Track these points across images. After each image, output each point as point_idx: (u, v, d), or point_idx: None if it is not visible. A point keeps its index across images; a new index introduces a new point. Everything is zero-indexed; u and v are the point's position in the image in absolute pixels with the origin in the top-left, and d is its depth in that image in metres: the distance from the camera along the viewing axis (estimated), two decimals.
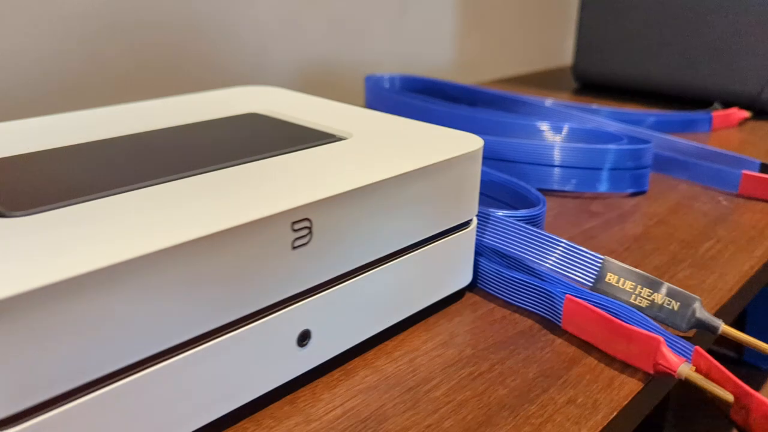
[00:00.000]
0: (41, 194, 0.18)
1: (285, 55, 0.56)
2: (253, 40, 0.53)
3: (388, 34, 0.65)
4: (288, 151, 0.22)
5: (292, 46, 0.56)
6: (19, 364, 0.14)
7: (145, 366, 0.16)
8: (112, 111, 0.28)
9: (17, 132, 0.24)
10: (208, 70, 0.50)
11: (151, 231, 0.16)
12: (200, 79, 0.50)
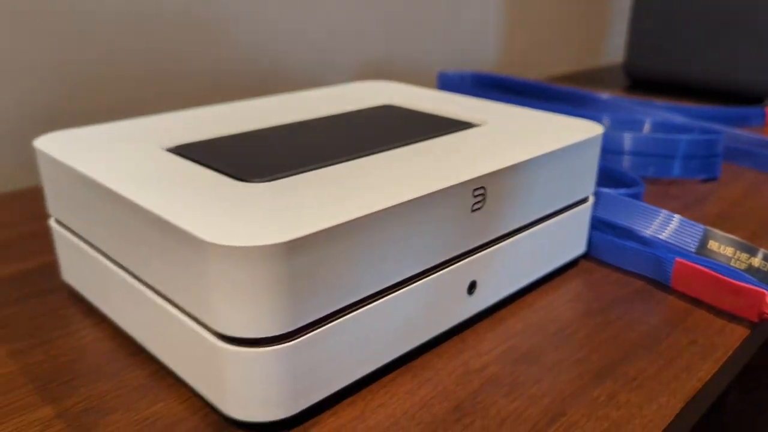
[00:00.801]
0: (267, 166, 0.22)
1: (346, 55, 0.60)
2: (318, 42, 0.57)
3: (440, 33, 0.69)
4: (440, 134, 0.26)
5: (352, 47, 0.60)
6: (317, 285, 0.18)
7: (375, 298, 0.20)
8: (265, 102, 0.32)
9: (211, 117, 0.28)
10: (280, 71, 0.55)
11: (384, 189, 0.20)
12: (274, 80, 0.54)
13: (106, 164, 0.22)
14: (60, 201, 0.24)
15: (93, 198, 0.22)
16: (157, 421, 0.19)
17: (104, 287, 0.23)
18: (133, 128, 0.27)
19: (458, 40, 0.71)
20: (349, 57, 0.59)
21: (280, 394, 0.18)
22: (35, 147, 0.25)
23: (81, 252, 0.24)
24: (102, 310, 0.24)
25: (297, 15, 0.54)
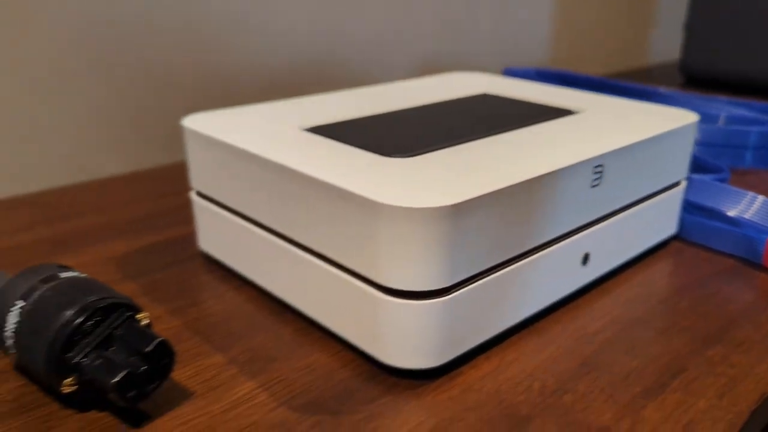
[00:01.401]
0: (401, 144, 0.24)
1: (402, 54, 0.62)
2: (375, 41, 0.59)
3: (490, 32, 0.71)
4: (547, 119, 0.28)
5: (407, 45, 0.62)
6: (471, 246, 0.20)
7: (514, 262, 0.22)
8: (369, 91, 0.34)
9: (324, 104, 0.31)
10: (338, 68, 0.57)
11: (521, 163, 0.22)
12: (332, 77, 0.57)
13: (258, 140, 0.25)
14: (206, 175, 0.27)
15: (248, 170, 0.24)
16: (315, 369, 0.22)
17: (249, 252, 0.26)
18: (262, 112, 0.29)
19: (507, 40, 0.73)
20: (405, 55, 0.61)
21: (433, 344, 0.20)
22: (183, 126, 0.27)
23: (225, 221, 0.26)
24: (243, 274, 0.27)
25: (355, 15, 0.56)
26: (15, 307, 0.19)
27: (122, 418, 0.19)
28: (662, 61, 0.96)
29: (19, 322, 0.19)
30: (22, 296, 0.20)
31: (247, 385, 0.21)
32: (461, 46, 0.67)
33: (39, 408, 0.20)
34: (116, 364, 0.18)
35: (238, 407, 0.20)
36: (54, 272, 0.20)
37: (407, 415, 0.19)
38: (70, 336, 0.18)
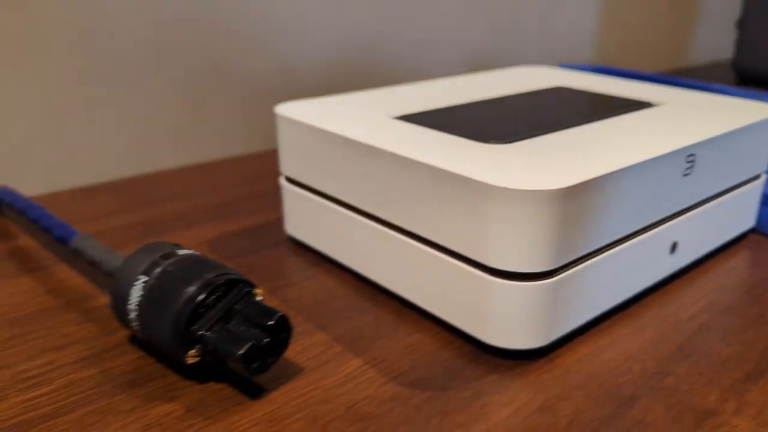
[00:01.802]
0: (496, 131, 0.25)
1: (451, 51, 0.62)
2: (425, 39, 0.60)
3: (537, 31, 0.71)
4: (630, 110, 0.29)
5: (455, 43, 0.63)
6: (577, 229, 0.21)
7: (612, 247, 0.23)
8: (445, 83, 0.35)
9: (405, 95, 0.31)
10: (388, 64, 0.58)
11: (619, 151, 0.22)
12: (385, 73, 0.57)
13: (356, 126, 0.25)
14: (298, 161, 0.27)
15: (346, 156, 0.25)
16: (417, 349, 0.22)
17: (342, 236, 0.26)
18: (348, 102, 0.30)
19: (554, 38, 0.73)
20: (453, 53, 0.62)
21: (538, 325, 0.21)
22: (276, 113, 0.28)
23: (318, 206, 0.27)
24: (334, 258, 0.27)
25: (406, 12, 0.56)
26: (138, 281, 0.20)
27: (240, 389, 0.20)
28: (711, 60, 0.95)
29: (143, 295, 0.20)
30: (144, 271, 0.21)
31: (354, 362, 0.21)
32: (509, 44, 0.67)
33: (160, 378, 0.20)
34: (241, 336, 0.19)
35: (349, 382, 0.20)
36: (171, 250, 0.21)
37: (514, 392, 0.20)
38: (195, 309, 0.19)
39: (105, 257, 0.23)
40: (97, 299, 0.25)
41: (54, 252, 0.28)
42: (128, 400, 0.19)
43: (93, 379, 0.20)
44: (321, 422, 0.19)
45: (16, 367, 0.21)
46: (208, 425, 0.18)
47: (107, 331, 0.23)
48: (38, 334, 0.22)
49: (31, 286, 0.26)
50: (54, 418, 0.19)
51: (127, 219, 0.32)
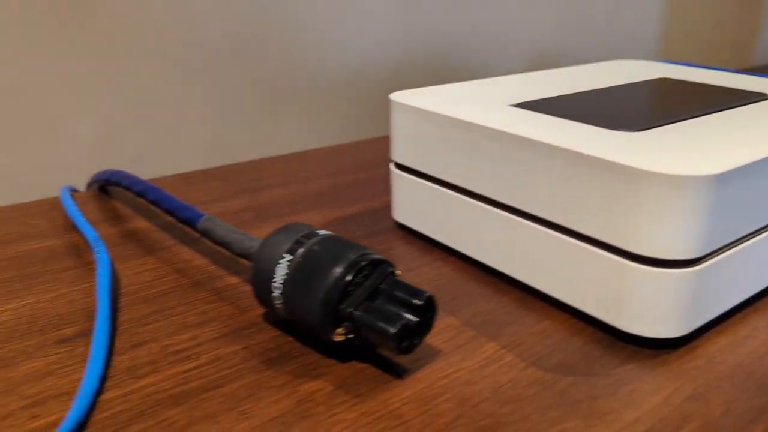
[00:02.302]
0: (621, 119, 0.25)
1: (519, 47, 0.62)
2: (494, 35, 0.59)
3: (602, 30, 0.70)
4: (748, 101, 0.28)
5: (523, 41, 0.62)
6: (725, 216, 0.20)
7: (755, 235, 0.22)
8: (551, 73, 0.34)
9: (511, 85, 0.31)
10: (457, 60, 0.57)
11: (760, 140, 0.22)
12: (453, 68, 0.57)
13: (479, 112, 0.25)
14: (413, 148, 0.28)
15: (470, 142, 0.25)
16: (550, 335, 0.22)
17: (460, 223, 0.26)
18: (458, 90, 0.30)
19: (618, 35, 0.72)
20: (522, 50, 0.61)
21: (680, 313, 0.21)
22: (392, 100, 0.28)
23: (433, 193, 0.27)
24: (448, 245, 0.27)
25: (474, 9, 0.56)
26: (283, 260, 0.21)
27: (383, 369, 0.20)
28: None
29: (288, 274, 0.20)
30: (288, 250, 0.21)
31: (490, 346, 0.21)
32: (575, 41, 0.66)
33: (302, 356, 0.21)
34: (391, 315, 0.19)
35: (490, 365, 0.20)
36: (312, 230, 0.22)
37: (660, 380, 0.20)
38: (344, 288, 0.19)
39: (235, 237, 0.24)
40: (223, 279, 0.25)
41: (171, 233, 0.29)
42: (277, 376, 0.20)
43: (238, 355, 0.21)
44: (470, 403, 0.19)
45: (162, 341, 0.21)
46: (359, 402, 0.19)
47: (240, 309, 0.23)
48: (176, 311, 0.23)
49: (156, 266, 0.26)
50: (208, 390, 0.19)
51: (235, 204, 0.33)
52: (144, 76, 0.39)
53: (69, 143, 0.38)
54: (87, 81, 0.37)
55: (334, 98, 0.48)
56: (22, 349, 0.21)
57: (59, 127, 0.37)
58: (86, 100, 0.37)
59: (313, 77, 0.46)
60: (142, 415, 0.18)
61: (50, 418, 0.18)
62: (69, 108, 0.37)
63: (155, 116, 0.40)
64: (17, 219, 0.30)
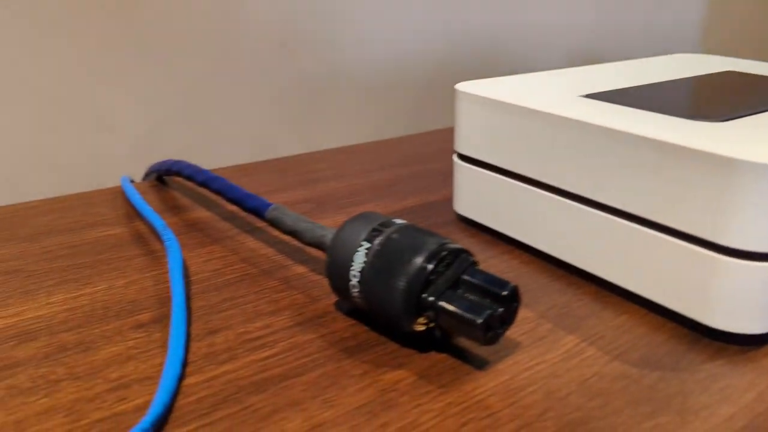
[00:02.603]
0: (699, 109, 0.24)
1: (559, 41, 0.61)
2: (533, 33, 0.58)
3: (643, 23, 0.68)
4: None
5: (563, 36, 0.61)
6: None
7: None
8: (616, 66, 0.34)
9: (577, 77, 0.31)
10: (499, 56, 0.57)
11: None
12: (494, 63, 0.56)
13: (556, 103, 0.25)
14: (479, 139, 0.27)
15: (543, 132, 0.24)
16: (629, 330, 0.21)
17: (530, 216, 0.26)
18: (526, 81, 0.29)
19: (660, 31, 0.71)
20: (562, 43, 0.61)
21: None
22: (458, 90, 0.28)
23: (499, 184, 0.27)
24: (517, 238, 0.27)
25: (515, 4, 0.56)
26: (361, 248, 0.20)
27: (463, 360, 0.20)
28: None
29: (366, 262, 0.20)
30: (366, 239, 0.21)
31: (569, 339, 0.21)
32: (616, 36, 0.65)
33: (380, 346, 0.20)
34: (476, 305, 0.19)
35: (572, 358, 0.20)
36: (388, 219, 0.21)
37: (752, 377, 0.19)
38: (427, 277, 0.19)
39: (306, 226, 0.24)
40: (290, 268, 0.25)
41: (233, 224, 0.29)
42: (357, 365, 0.19)
43: (314, 344, 0.20)
44: (557, 395, 0.18)
45: (237, 329, 0.21)
46: (444, 392, 0.18)
47: (312, 298, 0.23)
48: (247, 300, 0.23)
49: (222, 255, 0.26)
50: (289, 378, 0.19)
51: (294, 195, 0.33)
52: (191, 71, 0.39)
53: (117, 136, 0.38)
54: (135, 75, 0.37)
55: (375, 94, 0.48)
56: (101, 334, 0.21)
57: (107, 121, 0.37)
58: (134, 95, 0.38)
59: (355, 73, 0.46)
60: (225, 401, 0.18)
61: (136, 401, 0.18)
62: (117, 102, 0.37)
63: (201, 111, 0.40)
64: (81, 208, 0.30)
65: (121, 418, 0.17)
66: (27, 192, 0.34)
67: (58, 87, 0.35)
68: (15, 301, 0.22)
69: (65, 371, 0.19)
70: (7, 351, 0.20)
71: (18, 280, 0.24)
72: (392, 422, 0.17)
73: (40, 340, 0.20)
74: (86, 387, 0.18)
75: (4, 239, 0.27)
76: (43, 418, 0.17)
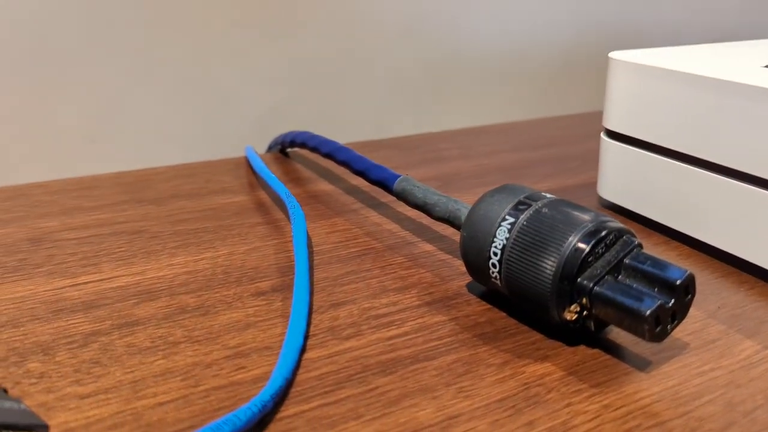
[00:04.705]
0: None
1: (695, 33, 0.55)
2: (665, 19, 0.53)
3: None
4: None
5: (701, 26, 0.55)
6: None
7: None
8: None
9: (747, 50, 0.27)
10: (638, 43, 0.52)
11: None
12: None
13: (735, 71, 0.21)
14: (637, 113, 0.24)
15: (717, 105, 0.21)
16: None
17: (692, 202, 0.23)
18: (691, 52, 0.26)
19: None
20: (698, 31, 0.55)
21: None
22: (612, 58, 0.25)
23: (657, 165, 0.24)
24: (676, 228, 0.24)
25: None
26: (505, 222, 0.18)
27: (620, 358, 0.17)
28: None
29: (508, 239, 0.18)
30: (510, 213, 0.18)
31: (748, 344, 0.18)
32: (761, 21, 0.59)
33: (521, 335, 0.18)
34: (643, 294, 0.16)
35: (755, 366, 0.17)
36: (536, 191, 0.19)
37: None
38: (583, 258, 0.17)
39: (438, 199, 0.22)
40: (417, 245, 0.23)
41: (357, 197, 0.27)
42: (495, 354, 0.17)
43: (446, 327, 0.18)
44: (741, 409, 0.15)
45: (361, 303, 0.19)
46: (598, 393, 0.16)
47: (441, 278, 0.21)
48: (372, 274, 0.21)
49: (346, 228, 0.25)
50: (420, 362, 0.17)
51: (419, 173, 0.31)
52: (311, 51, 0.38)
53: (240, 114, 0.38)
54: (256, 54, 0.37)
55: (497, 80, 0.45)
56: (221, 299, 0.20)
57: (231, 99, 0.37)
58: (257, 75, 0.37)
59: (476, 58, 0.44)
60: (350, 380, 0.16)
61: (255, 371, 0.16)
62: (241, 81, 0.37)
63: (319, 91, 0.39)
64: (204, 175, 0.30)
65: (239, 388, 0.16)
66: (153, 161, 0.34)
67: (187, 67, 0.35)
68: (138, 260, 0.22)
69: (184, 334, 0.18)
70: (129, 308, 0.19)
71: (142, 240, 0.23)
72: (540, 422, 0.15)
73: (160, 300, 0.19)
74: (204, 352, 0.17)
75: (129, 201, 0.27)
76: (160, 380, 0.16)
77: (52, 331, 0.18)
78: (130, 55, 0.34)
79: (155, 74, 0.35)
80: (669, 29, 0.52)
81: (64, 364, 0.16)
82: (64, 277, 0.21)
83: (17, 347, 0.17)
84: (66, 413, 0.15)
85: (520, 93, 0.46)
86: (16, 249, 0.22)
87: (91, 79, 0.34)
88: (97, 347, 0.17)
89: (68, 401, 0.15)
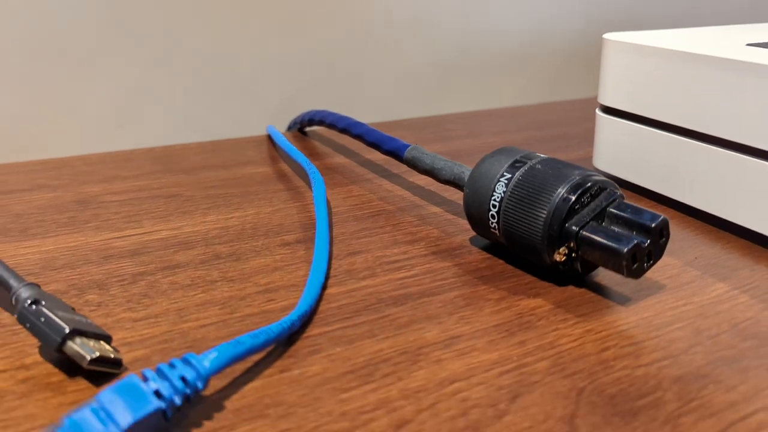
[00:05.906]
0: None
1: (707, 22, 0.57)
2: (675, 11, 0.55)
3: None
4: None
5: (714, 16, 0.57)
6: None
7: None
8: None
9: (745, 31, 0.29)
10: None
11: None
12: None
13: (719, 48, 0.24)
14: (628, 88, 0.26)
15: (708, 79, 0.23)
16: None
17: (679, 169, 0.25)
18: (681, 34, 0.28)
19: None
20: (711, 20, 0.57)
21: None
22: (606, 39, 0.27)
23: (646, 136, 0.26)
24: (662, 193, 0.26)
25: None
26: (503, 177, 0.20)
27: (603, 295, 0.19)
28: None
29: (505, 191, 0.20)
30: (507, 170, 0.21)
31: (719, 286, 0.20)
32: None
33: (516, 277, 0.20)
34: (622, 235, 0.18)
35: (723, 302, 0.19)
36: (529, 152, 0.21)
37: None
38: (570, 207, 0.19)
39: (444, 164, 0.24)
40: (426, 208, 0.26)
41: (370, 168, 0.30)
42: (493, 291, 0.20)
43: (450, 270, 0.21)
44: (706, 334, 0.17)
45: (375, 252, 0.22)
46: (582, 321, 0.18)
47: (447, 233, 0.23)
48: (384, 231, 0.24)
49: (361, 193, 0.27)
50: (426, 296, 0.19)
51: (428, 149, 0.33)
52: (325, 41, 0.40)
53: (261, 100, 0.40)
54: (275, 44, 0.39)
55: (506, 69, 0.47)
56: (250, 248, 0.22)
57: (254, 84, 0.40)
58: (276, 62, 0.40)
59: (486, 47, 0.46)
60: (366, 309, 0.18)
61: (282, 302, 0.19)
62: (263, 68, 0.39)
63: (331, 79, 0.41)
64: (232, 150, 0.32)
65: (269, 315, 0.18)
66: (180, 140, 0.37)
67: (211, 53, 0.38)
68: (175, 218, 0.24)
69: (219, 275, 0.20)
70: (169, 255, 0.21)
71: (177, 202, 0.26)
72: (530, 341, 0.17)
73: (197, 249, 0.22)
74: (238, 288, 0.20)
75: (163, 171, 0.29)
76: (201, 309, 0.18)
77: (105, 272, 0.20)
78: (157, 44, 0.36)
79: (178, 65, 0.37)
80: (675, 19, 0.54)
81: (118, 296, 0.19)
82: (110, 231, 0.23)
83: (76, 283, 0.20)
84: (123, 332, 0.17)
85: (527, 82, 0.48)
86: (66, 209, 0.25)
87: (118, 70, 0.36)
88: (145, 284, 0.20)
89: (124, 323, 0.18)
